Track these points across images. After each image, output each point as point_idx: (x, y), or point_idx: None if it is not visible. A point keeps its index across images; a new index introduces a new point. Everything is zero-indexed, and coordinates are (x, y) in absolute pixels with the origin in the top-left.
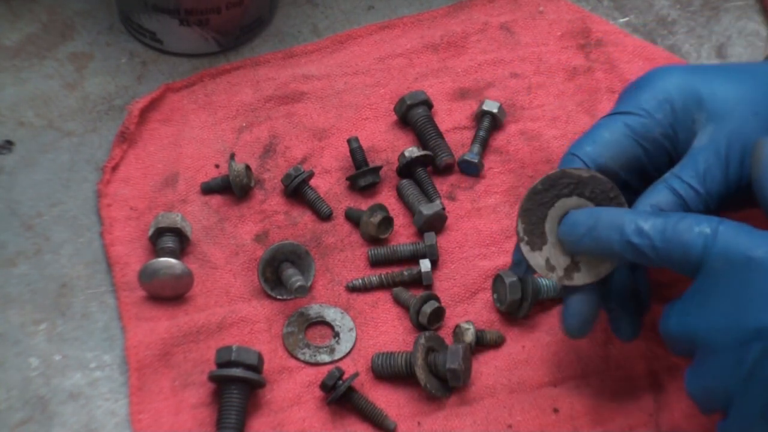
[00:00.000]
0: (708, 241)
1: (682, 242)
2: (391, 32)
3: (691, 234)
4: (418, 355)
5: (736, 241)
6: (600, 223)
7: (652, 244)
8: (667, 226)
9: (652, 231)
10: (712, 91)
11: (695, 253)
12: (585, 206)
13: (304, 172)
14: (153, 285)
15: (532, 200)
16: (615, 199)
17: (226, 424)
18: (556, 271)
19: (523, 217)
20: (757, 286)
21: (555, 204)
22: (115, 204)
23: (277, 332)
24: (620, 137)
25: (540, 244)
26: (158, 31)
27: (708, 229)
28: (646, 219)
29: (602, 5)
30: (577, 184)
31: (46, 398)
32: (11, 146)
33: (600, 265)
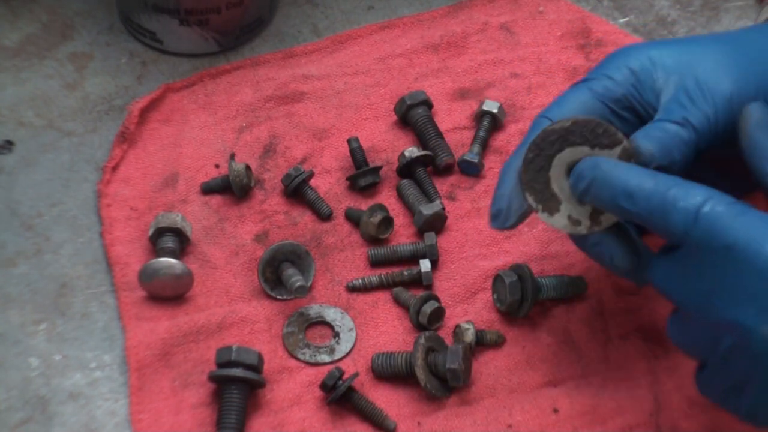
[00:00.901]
0: (689, 221)
1: (665, 217)
2: (391, 32)
3: (675, 210)
4: (418, 355)
5: (717, 225)
6: (596, 181)
7: (638, 211)
8: (654, 196)
9: (639, 197)
10: (667, 53)
11: (677, 232)
12: (581, 151)
13: (304, 172)
14: (153, 285)
15: (529, 170)
16: (605, 134)
17: (226, 424)
18: (583, 223)
19: (529, 189)
20: (733, 277)
21: (552, 164)
22: (115, 204)
23: (277, 332)
24: (585, 99)
25: (556, 206)
26: (158, 31)
27: (692, 207)
28: (637, 182)
29: (602, 5)
30: (563, 135)
31: (46, 398)
32: (11, 146)
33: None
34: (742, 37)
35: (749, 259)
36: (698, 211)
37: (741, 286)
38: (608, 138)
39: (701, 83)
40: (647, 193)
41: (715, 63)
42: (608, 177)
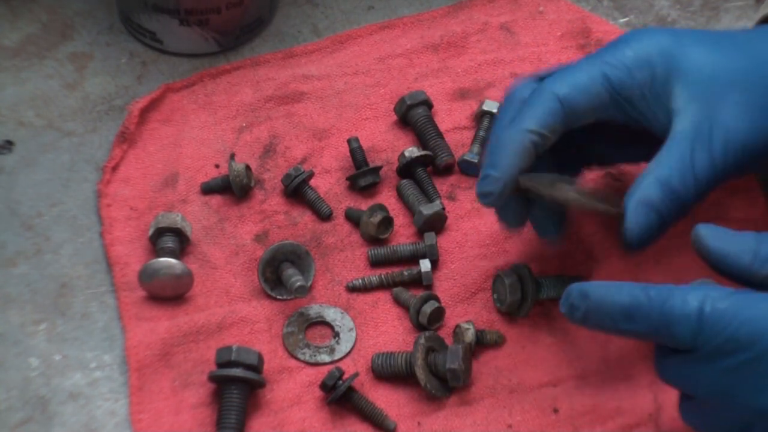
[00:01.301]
0: (694, 328)
1: (670, 330)
2: (391, 32)
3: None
4: (418, 355)
5: (723, 324)
6: (590, 311)
7: (642, 331)
8: (652, 312)
9: (638, 317)
10: (692, 60)
11: (686, 340)
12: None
13: (304, 172)
14: (153, 285)
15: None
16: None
17: (226, 424)
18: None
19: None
20: (755, 368)
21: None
22: (115, 204)
23: (277, 332)
24: (597, 87)
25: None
26: (158, 31)
27: (693, 313)
28: (630, 302)
29: (602, 5)
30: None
31: (46, 398)
32: (11, 146)
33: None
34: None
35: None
36: (701, 316)
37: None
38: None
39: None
40: (645, 311)
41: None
42: (601, 305)
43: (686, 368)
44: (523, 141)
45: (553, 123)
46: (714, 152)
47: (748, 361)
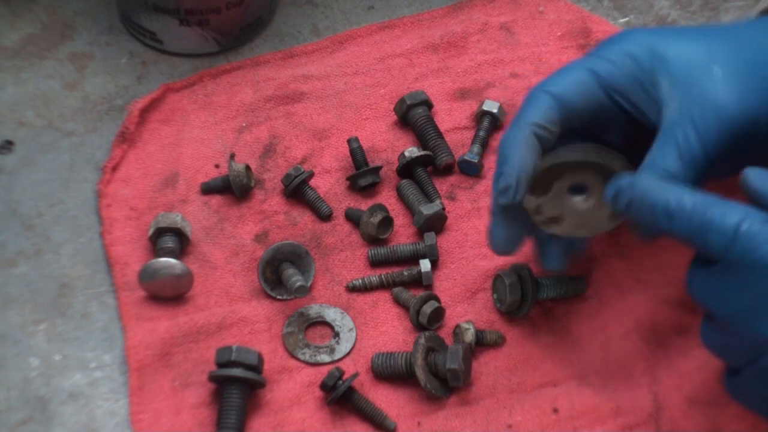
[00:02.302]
0: (727, 240)
1: (705, 236)
2: (391, 32)
3: (713, 230)
4: (418, 355)
5: (755, 244)
6: (635, 201)
7: (679, 230)
8: (693, 216)
9: (678, 217)
10: (674, 49)
11: (717, 250)
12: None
13: (304, 172)
14: (153, 285)
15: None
16: None
17: (226, 424)
18: (541, 217)
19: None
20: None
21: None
22: (115, 204)
23: (277, 332)
24: (586, 81)
25: (540, 194)
26: (158, 31)
27: (731, 227)
28: (676, 202)
29: (602, 5)
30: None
31: (46, 398)
32: (11, 146)
33: (579, 230)
34: (747, 36)
35: None
36: (737, 231)
37: None
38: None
39: (706, 109)
40: (686, 213)
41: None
42: (647, 197)
43: (714, 281)
44: (526, 133)
45: (551, 116)
46: (703, 129)
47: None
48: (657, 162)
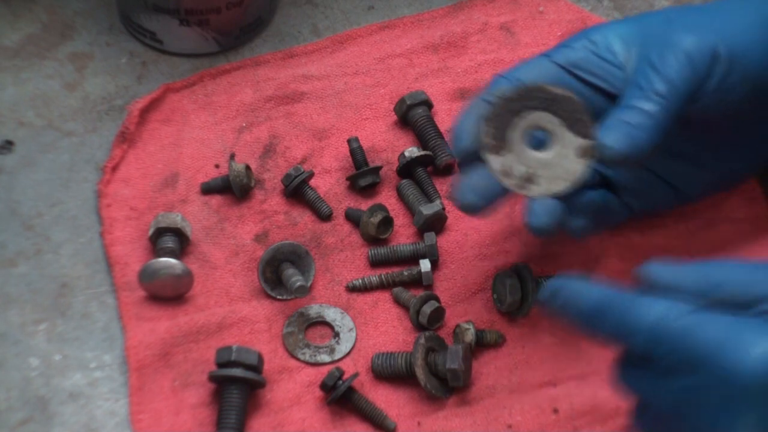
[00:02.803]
0: (650, 340)
1: (629, 338)
2: (391, 32)
3: (637, 331)
4: (418, 355)
5: (677, 340)
6: (564, 306)
7: (606, 332)
8: (615, 317)
9: (604, 319)
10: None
11: (642, 350)
12: (553, 122)
13: (304, 172)
14: (153, 285)
15: (501, 107)
16: (584, 122)
17: (226, 424)
18: (512, 179)
19: (489, 121)
20: (702, 392)
21: (523, 115)
22: (115, 204)
23: (277, 332)
24: (546, 65)
25: (501, 150)
26: (158, 31)
27: (651, 325)
28: (600, 301)
29: (602, 5)
30: (550, 100)
31: (46, 398)
32: (11, 146)
33: (557, 182)
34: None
35: (714, 370)
36: (656, 330)
37: (713, 397)
38: (582, 127)
39: (662, 48)
40: (609, 314)
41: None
42: (572, 301)
43: (643, 379)
44: (479, 104)
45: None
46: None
47: (699, 385)
48: (623, 103)
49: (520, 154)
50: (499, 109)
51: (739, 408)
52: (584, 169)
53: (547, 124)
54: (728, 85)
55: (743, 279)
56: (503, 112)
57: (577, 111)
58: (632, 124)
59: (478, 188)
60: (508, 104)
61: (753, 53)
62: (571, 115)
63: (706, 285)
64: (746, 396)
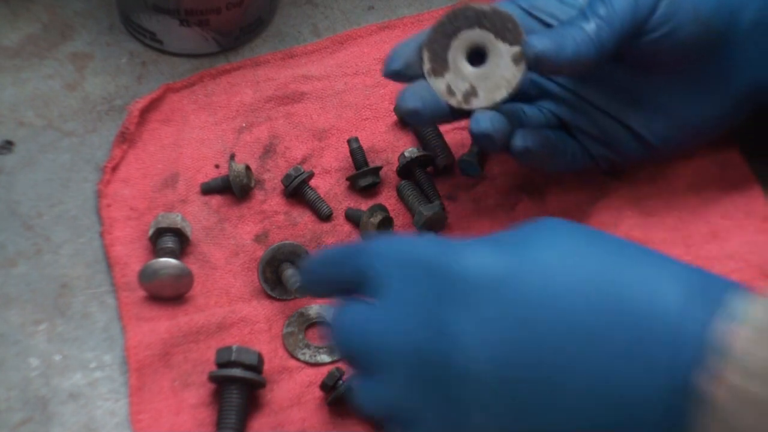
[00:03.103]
0: None
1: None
2: (391, 32)
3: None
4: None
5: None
6: None
7: None
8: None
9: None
10: None
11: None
12: (486, 37)
13: (304, 172)
14: (153, 285)
15: (437, 32)
16: (513, 30)
17: (226, 424)
18: (455, 96)
19: (428, 47)
20: None
21: (458, 35)
22: (115, 204)
23: (277, 332)
24: (508, 6)
25: (442, 71)
26: (158, 31)
27: None
28: None
29: None
30: (479, 16)
31: (46, 398)
32: (11, 146)
33: (496, 91)
34: None
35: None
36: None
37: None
38: (512, 35)
39: None
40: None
41: None
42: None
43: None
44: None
45: None
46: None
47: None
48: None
49: (459, 72)
50: (436, 34)
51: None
52: (520, 75)
53: (481, 39)
54: (677, 22)
55: None
56: (439, 36)
57: (505, 21)
58: (562, 33)
59: (422, 95)
60: (442, 28)
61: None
62: (501, 27)
63: None
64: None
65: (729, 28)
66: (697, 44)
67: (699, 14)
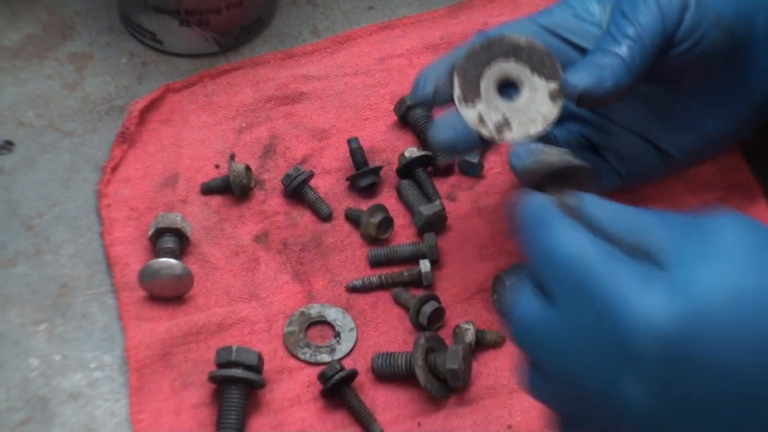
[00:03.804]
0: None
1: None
2: (391, 32)
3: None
4: (418, 356)
5: (584, 273)
6: None
7: None
8: None
9: None
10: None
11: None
12: (521, 70)
13: (304, 172)
14: (153, 285)
15: (469, 59)
16: (550, 66)
17: (226, 424)
18: (487, 127)
19: (459, 73)
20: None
21: (492, 65)
22: (115, 204)
23: (277, 332)
24: (527, 25)
25: (474, 100)
26: (158, 31)
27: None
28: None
29: None
30: (515, 49)
31: (46, 398)
32: (11, 146)
33: (531, 126)
34: None
35: (607, 322)
36: (569, 261)
37: (603, 350)
38: (549, 71)
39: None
40: (537, 231)
41: None
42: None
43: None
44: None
45: None
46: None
47: (589, 332)
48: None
49: (492, 103)
50: (468, 61)
51: (630, 364)
52: (557, 111)
53: (515, 72)
54: (702, 31)
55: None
56: (472, 63)
57: (542, 56)
58: (598, 63)
59: (456, 127)
60: (476, 56)
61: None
62: (537, 61)
63: (627, 230)
64: (637, 353)
65: (747, 33)
66: (721, 52)
67: (721, 20)
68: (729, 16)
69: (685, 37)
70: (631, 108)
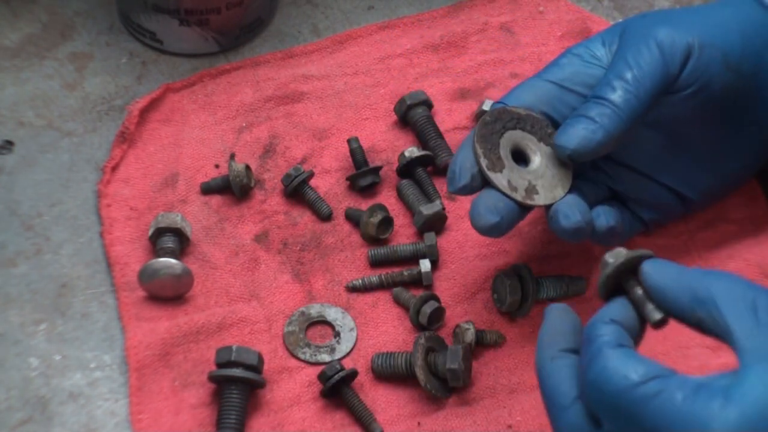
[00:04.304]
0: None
1: None
2: (391, 32)
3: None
4: (418, 356)
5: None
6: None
7: None
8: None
9: None
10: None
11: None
12: (529, 138)
13: (304, 172)
14: (153, 285)
15: (484, 129)
16: (551, 135)
17: (226, 424)
18: (518, 191)
19: (480, 142)
20: None
21: (504, 134)
22: (115, 204)
23: (277, 332)
24: (538, 84)
25: (500, 167)
26: (158, 31)
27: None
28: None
29: (602, 5)
30: (518, 120)
31: (46, 398)
32: (11, 146)
33: (555, 189)
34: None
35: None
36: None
37: None
38: (550, 137)
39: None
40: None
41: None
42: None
43: None
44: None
45: None
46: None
47: None
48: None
49: (514, 169)
50: (484, 131)
51: None
52: (571, 173)
53: (523, 139)
54: (709, 75)
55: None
56: (488, 134)
57: (542, 125)
58: (588, 116)
59: (495, 206)
60: (489, 126)
61: (731, 39)
62: (539, 130)
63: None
64: None
65: (756, 71)
66: (731, 92)
67: (729, 61)
68: (736, 56)
69: (693, 81)
70: (647, 154)
